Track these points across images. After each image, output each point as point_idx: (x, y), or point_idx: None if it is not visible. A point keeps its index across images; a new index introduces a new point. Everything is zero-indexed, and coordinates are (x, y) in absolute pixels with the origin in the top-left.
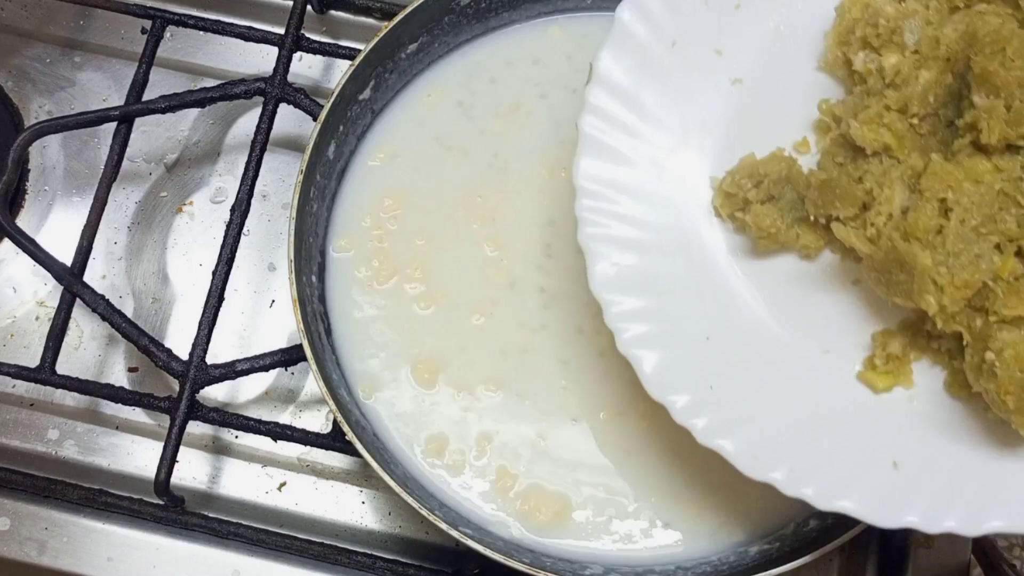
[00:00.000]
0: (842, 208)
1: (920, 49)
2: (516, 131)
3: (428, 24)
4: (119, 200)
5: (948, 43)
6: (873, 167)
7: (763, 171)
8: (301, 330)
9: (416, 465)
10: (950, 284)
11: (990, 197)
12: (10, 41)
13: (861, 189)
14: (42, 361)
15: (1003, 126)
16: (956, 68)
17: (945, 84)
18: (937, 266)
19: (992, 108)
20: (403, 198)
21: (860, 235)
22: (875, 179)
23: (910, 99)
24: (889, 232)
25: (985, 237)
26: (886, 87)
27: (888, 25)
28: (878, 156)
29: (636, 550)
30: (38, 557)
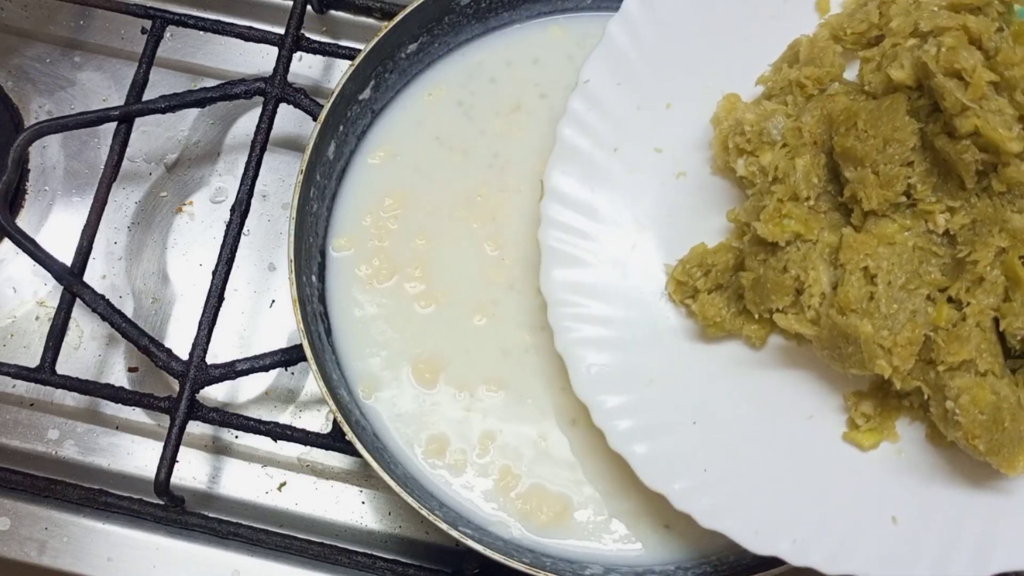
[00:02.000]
0: (777, 300)
1: (788, 141)
2: (516, 131)
3: (428, 24)
4: (119, 200)
5: (809, 129)
6: (792, 255)
7: (711, 261)
8: (301, 330)
9: (416, 465)
10: (895, 345)
11: (908, 255)
12: (10, 41)
13: (789, 278)
14: (42, 361)
15: (878, 191)
16: (825, 149)
17: (822, 164)
18: (878, 331)
19: (862, 178)
20: (403, 197)
21: (801, 320)
22: (797, 265)
23: (796, 187)
24: (826, 311)
25: (915, 292)
26: (772, 183)
27: (753, 130)
28: (792, 244)
29: (636, 550)
30: (38, 557)
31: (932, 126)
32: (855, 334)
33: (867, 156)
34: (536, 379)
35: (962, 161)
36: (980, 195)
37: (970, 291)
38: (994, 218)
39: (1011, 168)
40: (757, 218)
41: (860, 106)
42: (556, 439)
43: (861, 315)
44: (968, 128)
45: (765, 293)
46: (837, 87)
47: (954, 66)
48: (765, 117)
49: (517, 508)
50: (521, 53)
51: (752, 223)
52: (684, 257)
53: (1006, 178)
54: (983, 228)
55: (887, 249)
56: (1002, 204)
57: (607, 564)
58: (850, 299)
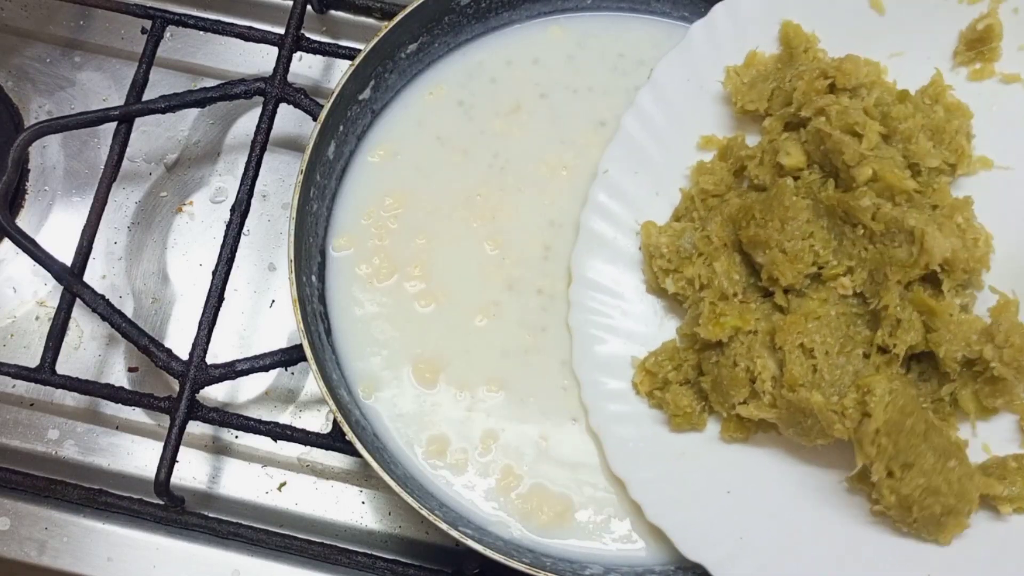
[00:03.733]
0: (736, 394)
1: (702, 251)
2: (516, 131)
3: (428, 24)
4: (119, 200)
5: (717, 234)
6: (738, 349)
7: (683, 356)
8: (301, 330)
9: (416, 465)
10: (846, 408)
11: (834, 323)
12: (10, 41)
13: (740, 370)
14: (42, 361)
15: (789, 266)
16: (736, 248)
17: (737, 262)
18: (828, 399)
19: (772, 259)
20: (404, 197)
21: (760, 407)
22: (745, 357)
23: (722, 287)
24: (778, 393)
25: (852, 354)
26: (700, 291)
27: (669, 250)
28: (735, 339)
29: (636, 550)
30: (38, 557)
31: (824, 192)
32: (809, 407)
33: (770, 238)
34: (537, 379)
35: (860, 207)
36: (867, 248)
37: (893, 334)
38: (883, 260)
39: (884, 208)
40: (697, 325)
41: (752, 199)
42: (557, 439)
43: (810, 388)
44: (866, 176)
45: (724, 390)
46: (731, 194)
47: (848, 123)
48: (677, 236)
49: (518, 508)
50: (521, 53)
51: (695, 329)
52: (655, 350)
53: (882, 218)
54: (879, 275)
55: (815, 323)
56: (884, 246)
57: (607, 564)
58: (796, 376)
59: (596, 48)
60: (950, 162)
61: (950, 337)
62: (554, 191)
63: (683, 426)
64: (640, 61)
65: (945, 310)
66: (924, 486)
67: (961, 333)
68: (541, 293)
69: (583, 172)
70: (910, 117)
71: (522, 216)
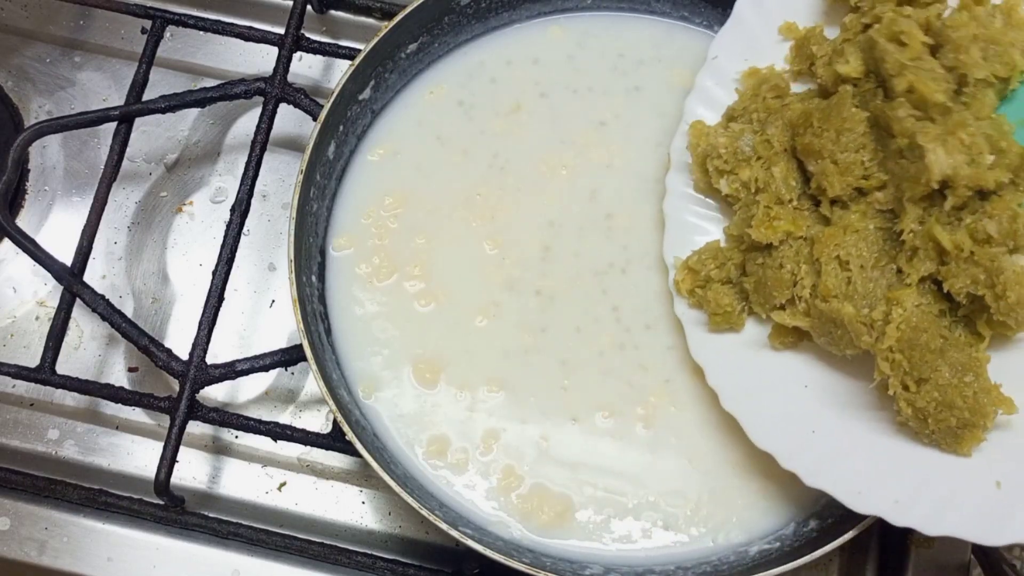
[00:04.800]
0: (779, 295)
1: (760, 154)
2: (517, 130)
3: (428, 24)
4: (119, 200)
5: (776, 139)
6: (786, 252)
7: (726, 255)
8: (301, 330)
9: (417, 465)
10: (875, 320)
11: (872, 237)
12: (10, 41)
13: (786, 272)
14: (42, 361)
15: (839, 178)
16: (793, 153)
17: (794, 169)
18: (859, 310)
19: (823, 169)
20: (404, 196)
21: (795, 314)
22: (792, 260)
23: (779, 192)
24: (812, 302)
25: (886, 269)
26: (756, 194)
27: (727, 151)
28: (785, 243)
29: (636, 550)
30: (38, 557)
31: (873, 103)
32: (839, 317)
33: (824, 148)
34: (538, 379)
35: (895, 117)
36: (897, 163)
37: (910, 262)
38: (902, 175)
39: (905, 120)
40: (747, 229)
41: (813, 107)
42: (558, 439)
43: (842, 299)
44: (903, 86)
45: (767, 291)
46: (791, 97)
47: (894, 30)
48: (736, 137)
49: (518, 508)
50: (521, 53)
51: (746, 230)
52: (699, 249)
53: (903, 131)
54: (899, 191)
55: (853, 237)
56: (906, 161)
57: (607, 564)
58: (829, 287)
59: (596, 48)
60: (1000, 75)
61: (957, 272)
62: (554, 191)
63: (722, 325)
64: (640, 61)
65: (956, 246)
66: (939, 399)
67: (969, 272)
68: (540, 294)
69: (583, 172)
70: (964, 26)
71: (521, 216)
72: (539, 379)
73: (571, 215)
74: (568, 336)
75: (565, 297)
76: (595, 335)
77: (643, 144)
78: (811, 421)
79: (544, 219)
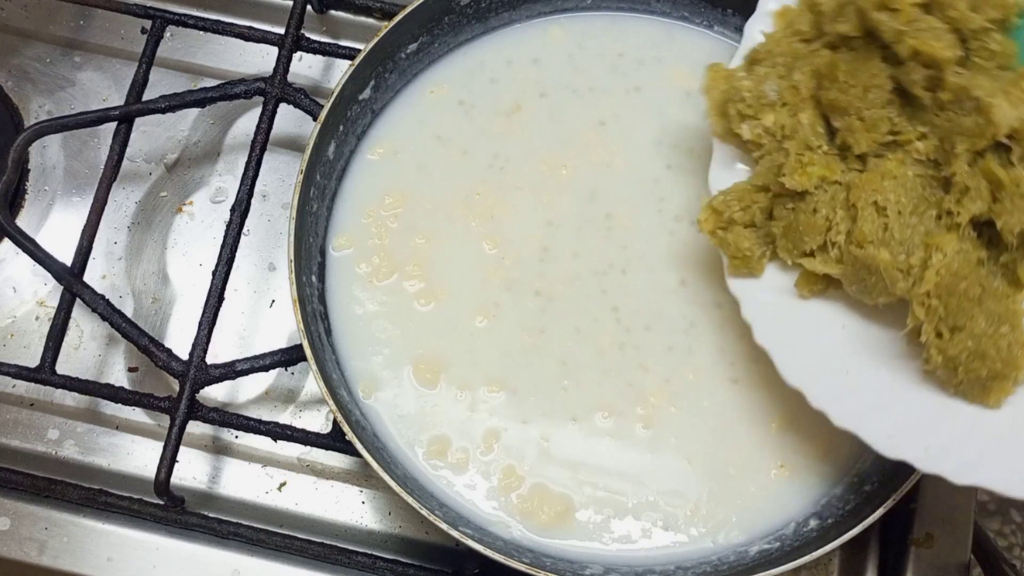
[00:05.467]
0: (811, 240)
1: (787, 100)
2: (517, 131)
3: (428, 24)
4: (119, 200)
5: (804, 85)
6: (820, 197)
7: (753, 198)
8: (301, 330)
9: (417, 465)
10: (912, 266)
11: (910, 183)
12: (10, 41)
13: (820, 218)
14: (42, 361)
15: (865, 135)
16: (819, 102)
17: (820, 117)
18: (896, 256)
19: (849, 125)
20: (404, 196)
21: (827, 261)
22: (827, 205)
23: (807, 139)
24: (847, 247)
25: (925, 215)
26: (782, 141)
27: (751, 95)
28: (819, 188)
29: (636, 550)
30: (38, 557)
31: (891, 64)
32: (874, 264)
33: (851, 105)
34: (538, 380)
35: (912, 82)
36: (939, 114)
37: (959, 202)
38: (952, 128)
39: (948, 76)
40: (774, 178)
41: (840, 58)
42: (558, 439)
43: (878, 245)
44: (908, 51)
45: (798, 236)
46: (817, 46)
47: None
48: (760, 81)
49: (518, 508)
50: (521, 53)
51: (778, 179)
52: (726, 189)
53: (949, 87)
54: (948, 142)
55: (891, 183)
56: (955, 113)
57: (607, 564)
58: (865, 233)
59: (596, 48)
60: (995, 19)
61: (1012, 208)
62: (553, 191)
63: (741, 269)
64: (640, 61)
65: (1013, 181)
66: (972, 349)
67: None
68: (539, 295)
69: (583, 172)
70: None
71: (521, 216)
72: (539, 379)
73: (570, 215)
74: (567, 336)
75: (564, 298)
76: (594, 335)
77: (643, 144)
78: (845, 362)
79: (543, 219)
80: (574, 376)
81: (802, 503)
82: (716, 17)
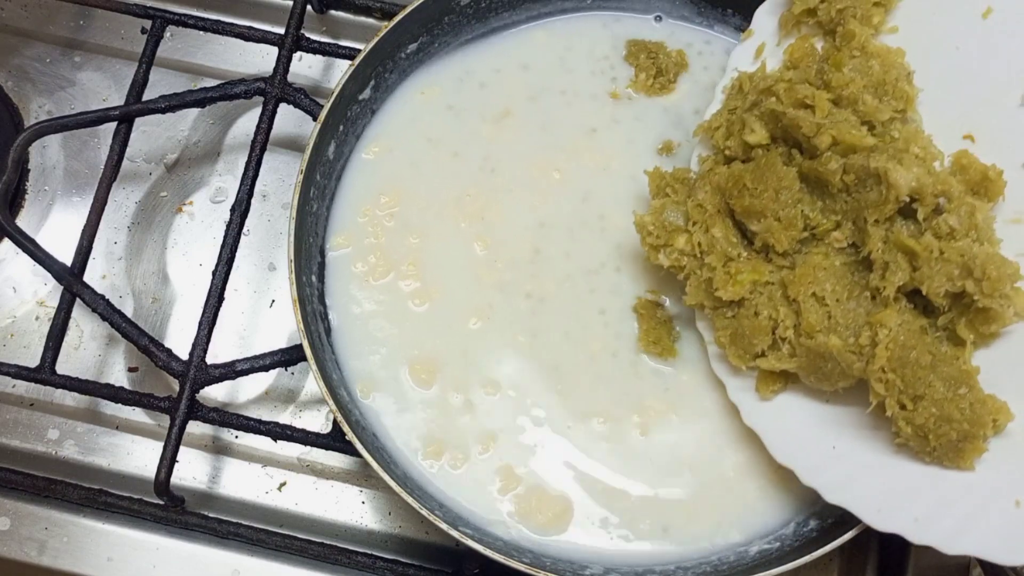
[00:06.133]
0: (760, 342)
1: (696, 219)
2: (507, 135)
3: (428, 24)
4: (119, 200)
5: (708, 203)
6: (758, 299)
7: None
8: (301, 330)
9: (416, 465)
10: (862, 347)
11: (840, 272)
12: (10, 41)
13: (764, 318)
14: (42, 361)
15: (785, 233)
16: (727, 214)
17: (732, 227)
18: (846, 340)
19: (768, 227)
20: (398, 194)
21: (780, 357)
22: (767, 306)
23: (725, 251)
24: (797, 341)
25: (860, 298)
26: (703, 257)
27: (655, 227)
28: (754, 292)
29: (635, 550)
30: (38, 557)
31: (799, 161)
32: (828, 350)
33: (766, 208)
34: (533, 381)
35: (829, 171)
36: (847, 200)
37: (883, 277)
38: (860, 205)
39: (855, 160)
40: (706, 294)
41: (742, 170)
42: (556, 441)
43: (827, 332)
44: (827, 142)
45: (746, 341)
46: (708, 162)
47: (798, 98)
48: (659, 212)
49: (517, 508)
50: (512, 59)
51: (713, 293)
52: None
53: (851, 169)
54: (860, 219)
55: (823, 274)
56: (860, 193)
57: (607, 564)
58: (812, 323)
59: (590, 52)
60: (899, 109)
61: (932, 274)
62: (544, 192)
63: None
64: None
65: (925, 248)
66: (937, 415)
67: (944, 270)
68: (530, 297)
69: (576, 175)
70: (850, 82)
71: (512, 217)
72: (537, 381)
73: (562, 216)
74: (558, 341)
75: (555, 300)
76: (584, 341)
77: (639, 148)
78: (832, 437)
79: (534, 219)
80: (567, 380)
81: (802, 503)
82: (716, 17)
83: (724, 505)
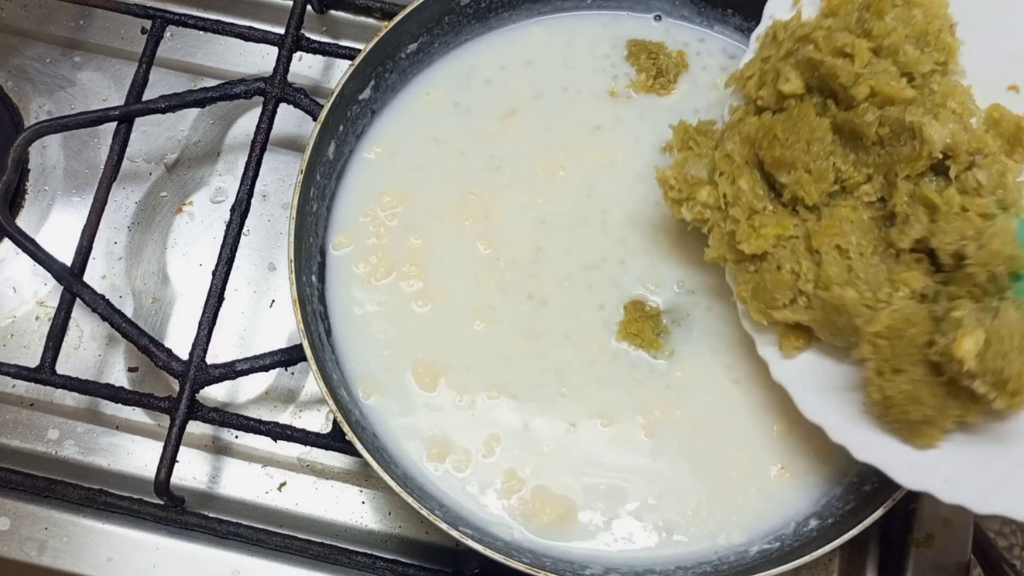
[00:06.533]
0: (782, 296)
1: (723, 170)
2: (512, 132)
3: (428, 24)
4: (119, 200)
5: (736, 153)
6: (781, 253)
7: None
8: (301, 330)
9: (417, 466)
10: (878, 301)
11: (866, 226)
12: (10, 41)
13: (786, 272)
14: (42, 361)
15: (815, 186)
16: (755, 165)
17: (759, 179)
18: (863, 294)
19: (798, 179)
20: (401, 195)
21: (797, 310)
22: (789, 260)
23: (751, 203)
24: (815, 292)
25: (885, 254)
26: (727, 208)
27: (677, 181)
28: (777, 246)
29: (636, 551)
30: (38, 557)
31: (834, 112)
32: (842, 303)
33: (797, 159)
34: (537, 383)
35: (865, 123)
36: (880, 154)
37: (902, 231)
38: (893, 160)
39: (891, 113)
40: (729, 247)
41: (773, 120)
42: (560, 443)
43: (844, 285)
44: (864, 93)
45: (768, 295)
46: (739, 112)
47: (837, 46)
48: (680, 166)
49: (520, 510)
50: (517, 55)
51: (736, 246)
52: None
53: (887, 121)
54: (891, 174)
55: (849, 226)
56: (893, 146)
57: (607, 565)
58: (831, 275)
59: (590, 49)
60: (940, 61)
61: (947, 228)
62: (547, 190)
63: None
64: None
65: (945, 202)
66: (908, 392)
67: (959, 227)
68: (531, 298)
69: (580, 172)
70: (892, 32)
71: (515, 215)
72: (538, 384)
73: (564, 213)
74: (559, 342)
75: (557, 300)
76: (586, 343)
77: (643, 145)
78: (861, 396)
79: (537, 217)
80: (570, 382)
81: (802, 503)
82: (716, 17)
83: (725, 505)
